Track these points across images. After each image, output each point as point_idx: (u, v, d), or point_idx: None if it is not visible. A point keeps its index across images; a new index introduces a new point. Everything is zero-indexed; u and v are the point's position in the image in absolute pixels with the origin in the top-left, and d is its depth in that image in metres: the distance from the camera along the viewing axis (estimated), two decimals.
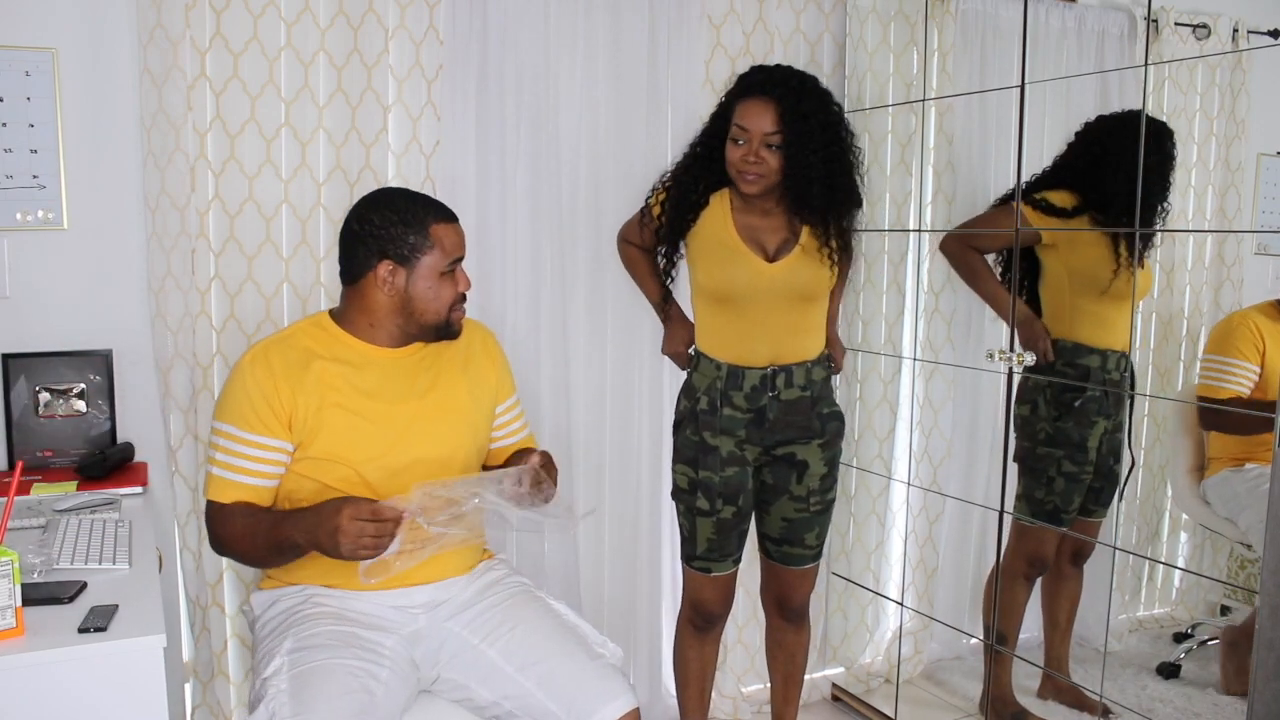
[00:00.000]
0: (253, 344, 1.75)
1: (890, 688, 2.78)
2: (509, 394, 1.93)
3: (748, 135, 1.99)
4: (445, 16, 2.19)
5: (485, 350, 1.89)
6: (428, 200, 1.75)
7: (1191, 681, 2.77)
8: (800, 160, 1.98)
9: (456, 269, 1.75)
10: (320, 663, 1.54)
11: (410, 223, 1.69)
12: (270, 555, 1.67)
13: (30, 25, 1.96)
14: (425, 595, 1.74)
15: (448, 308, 1.74)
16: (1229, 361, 2.53)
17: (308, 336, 1.73)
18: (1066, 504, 2.47)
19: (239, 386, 1.68)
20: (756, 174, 1.99)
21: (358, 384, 1.71)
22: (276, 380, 1.66)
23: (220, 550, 1.73)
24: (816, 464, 2.15)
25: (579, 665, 1.65)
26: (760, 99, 1.98)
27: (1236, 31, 2.80)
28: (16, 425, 1.97)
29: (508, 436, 1.93)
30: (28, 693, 1.22)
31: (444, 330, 1.76)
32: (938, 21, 2.63)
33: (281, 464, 1.68)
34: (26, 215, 1.99)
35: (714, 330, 2.12)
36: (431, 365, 1.79)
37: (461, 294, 1.76)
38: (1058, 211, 2.34)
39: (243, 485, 1.66)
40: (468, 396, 1.81)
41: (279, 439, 1.66)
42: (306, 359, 1.69)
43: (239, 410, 1.66)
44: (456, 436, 1.78)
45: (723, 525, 2.13)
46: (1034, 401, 2.47)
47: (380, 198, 1.75)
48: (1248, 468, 2.58)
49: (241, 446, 1.66)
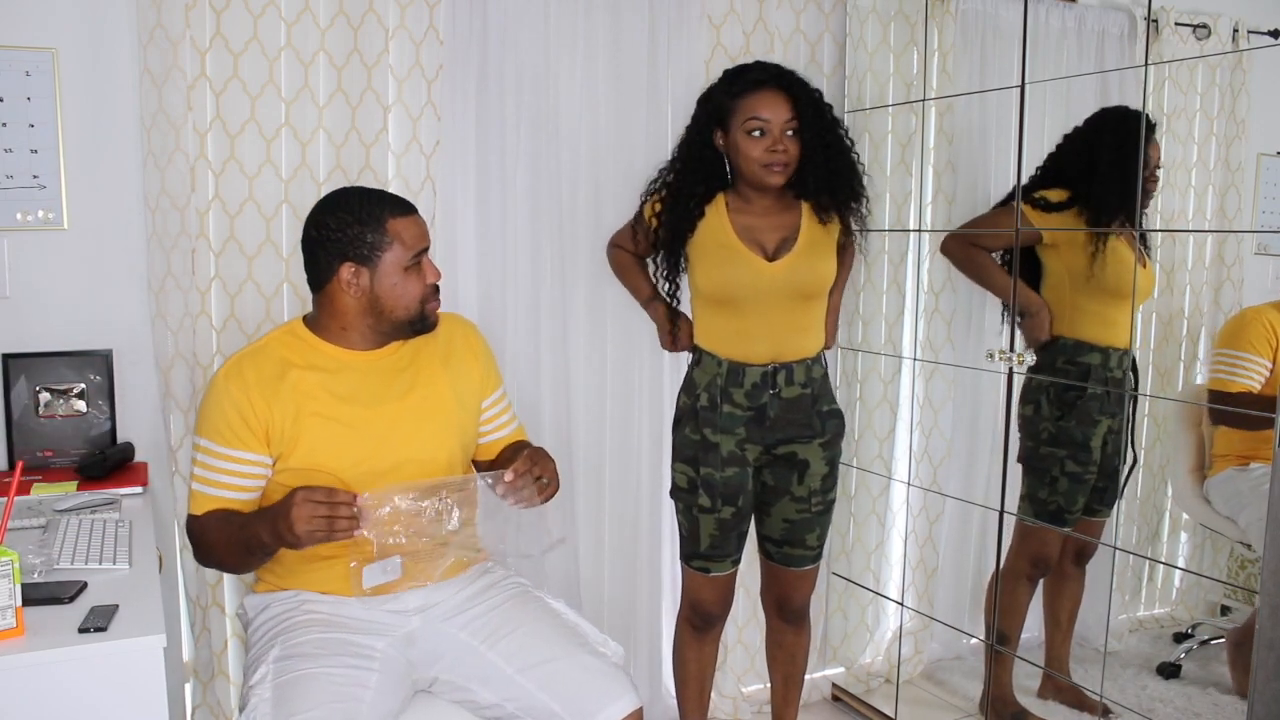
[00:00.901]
0: (229, 357, 1.73)
1: (890, 688, 2.78)
2: (495, 387, 1.90)
3: (768, 126, 1.99)
4: (445, 16, 2.19)
5: (467, 344, 1.86)
6: (381, 195, 1.70)
7: (1192, 681, 2.77)
8: (818, 143, 2.02)
9: (423, 260, 1.71)
10: (305, 672, 1.53)
11: (366, 221, 1.65)
12: (244, 557, 1.65)
13: (30, 25, 1.95)
14: (418, 599, 1.73)
15: (418, 301, 1.70)
16: (1241, 355, 2.53)
17: (282, 345, 1.71)
18: (1070, 504, 2.46)
19: (213, 401, 1.66)
20: (783, 163, 2.01)
21: (335, 390, 1.69)
22: (250, 394, 1.64)
23: (204, 562, 1.72)
24: (818, 464, 2.15)
25: (581, 665, 1.64)
26: (772, 90, 2.01)
27: (1236, 31, 2.80)
28: (16, 425, 1.97)
29: (496, 430, 1.90)
30: (28, 693, 1.22)
31: (419, 324, 1.73)
32: (938, 21, 2.63)
33: (261, 477, 1.67)
34: (26, 215, 1.99)
35: (714, 328, 2.12)
36: (410, 365, 1.76)
37: (433, 285, 1.72)
38: (1055, 207, 2.35)
39: (220, 499, 1.65)
40: (450, 394, 1.78)
41: (256, 453, 1.65)
42: (282, 369, 1.67)
43: (214, 425, 1.65)
44: (440, 436, 1.75)
45: (722, 525, 2.13)
46: (1037, 401, 2.47)
47: (333, 200, 1.70)
48: (1252, 467, 2.58)
49: (219, 461, 1.65)
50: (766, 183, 2.03)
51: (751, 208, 2.08)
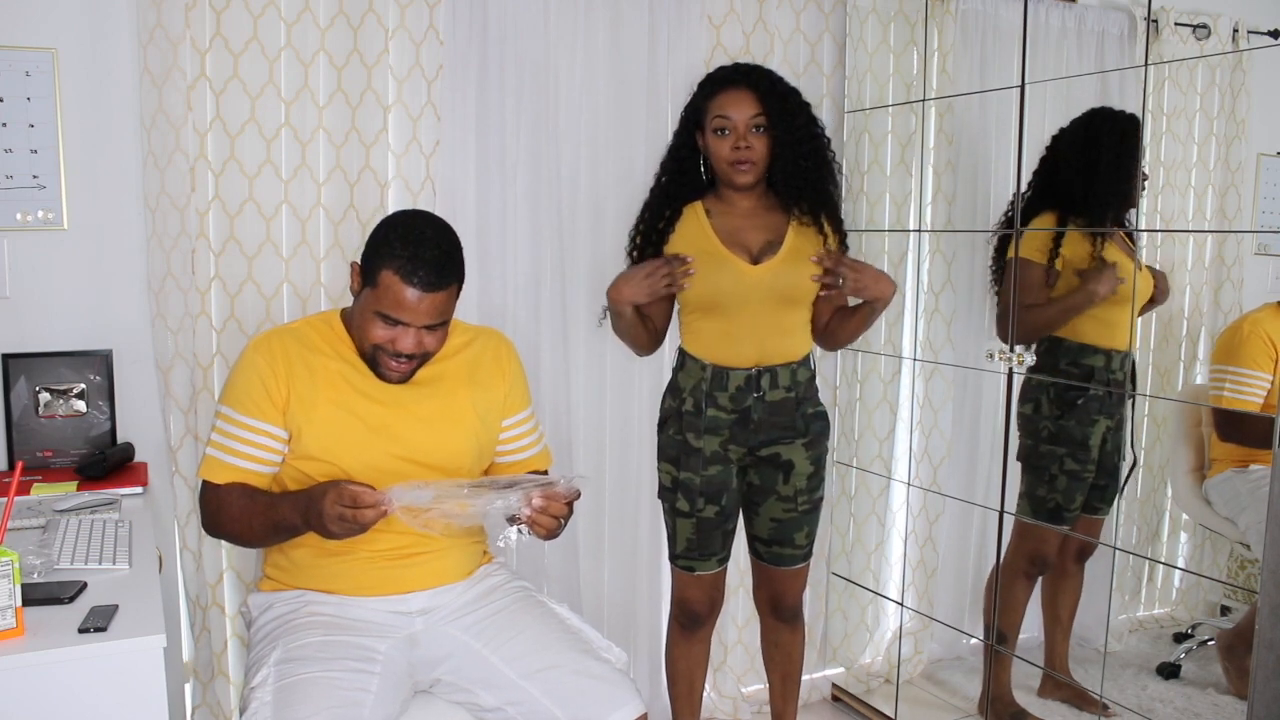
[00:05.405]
0: (263, 330, 1.75)
1: (890, 688, 2.78)
2: (519, 408, 1.87)
3: (732, 124, 2.00)
4: (445, 16, 2.19)
5: (497, 361, 1.84)
6: (415, 254, 1.59)
7: (1191, 681, 2.77)
8: (787, 139, 2.01)
9: (398, 328, 1.63)
10: (306, 675, 1.53)
11: (380, 250, 1.62)
12: (267, 535, 1.67)
13: (30, 25, 1.95)
14: (421, 601, 1.73)
15: (371, 347, 1.66)
16: (1243, 373, 2.48)
17: (314, 331, 1.74)
18: (1068, 502, 2.47)
19: (239, 371, 1.70)
20: (748, 160, 2.01)
21: (355, 384, 1.70)
22: (276, 366, 1.67)
23: (213, 531, 1.73)
24: (802, 464, 2.15)
25: (585, 671, 1.64)
26: (735, 89, 2.01)
27: (1236, 31, 2.80)
28: (16, 425, 1.97)
29: (516, 452, 1.89)
30: (28, 693, 1.22)
31: (370, 365, 1.69)
32: (938, 21, 2.63)
33: (278, 452, 1.68)
34: (26, 215, 1.99)
35: (699, 332, 2.11)
36: (434, 375, 1.76)
37: (395, 350, 1.65)
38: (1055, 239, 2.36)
39: (236, 468, 1.67)
40: (470, 408, 1.78)
41: (273, 424, 1.67)
42: (309, 351, 1.70)
43: (236, 394, 1.68)
44: (453, 444, 1.75)
45: (703, 524, 2.13)
46: (1036, 400, 2.48)
47: (399, 219, 1.68)
48: (1252, 468, 2.57)
49: (237, 429, 1.67)
50: (735, 181, 2.04)
51: (734, 210, 2.09)
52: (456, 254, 1.66)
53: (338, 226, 2.16)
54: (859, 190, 2.68)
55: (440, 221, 1.69)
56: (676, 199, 2.10)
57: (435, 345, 1.69)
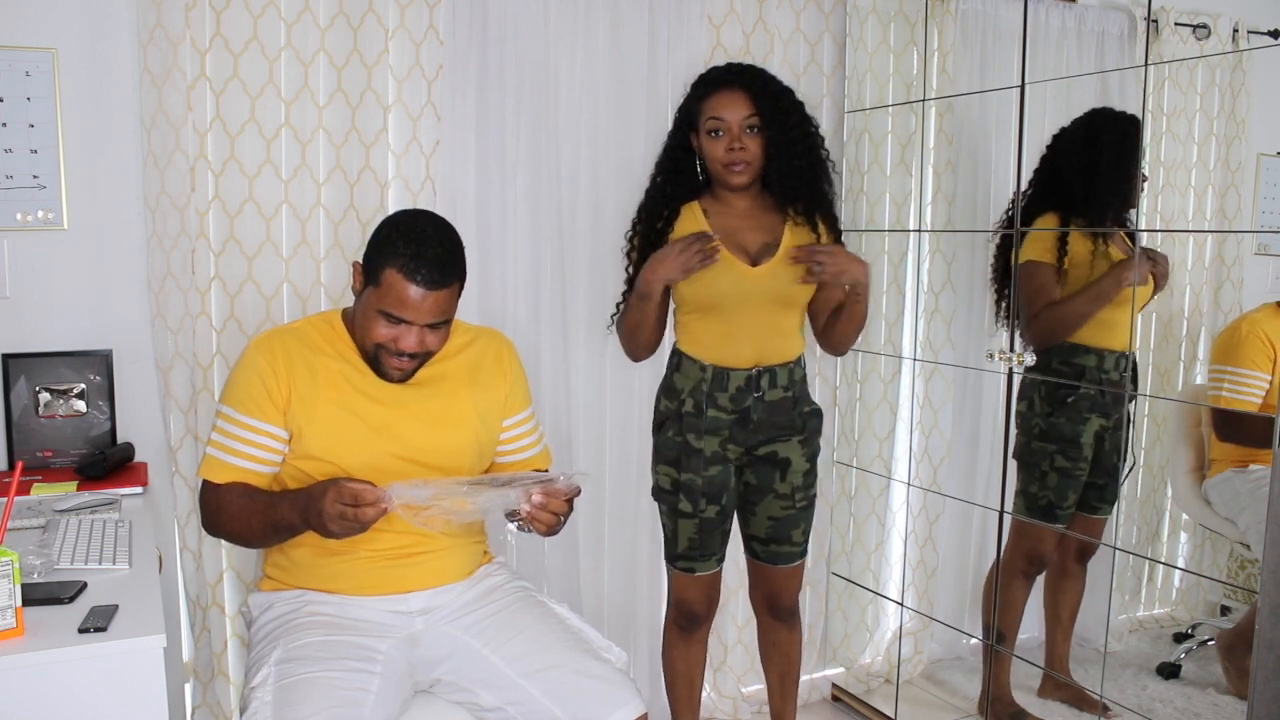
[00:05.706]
0: (264, 330, 1.75)
1: (890, 688, 2.78)
2: (520, 408, 1.88)
3: (725, 124, 2.00)
4: (445, 16, 2.19)
5: (498, 362, 1.85)
6: (418, 252, 1.60)
7: (1191, 681, 2.77)
8: (781, 139, 2.00)
9: (401, 326, 1.64)
10: (306, 675, 1.53)
11: (382, 248, 1.62)
12: (267, 534, 1.67)
13: (30, 25, 1.95)
14: (421, 601, 1.73)
15: (373, 345, 1.67)
16: (1241, 373, 2.48)
17: (316, 331, 1.74)
18: (1060, 500, 2.47)
19: (240, 370, 1.70)
20: (743, 161, 2.01)
21: (356, 384, 1.71)
22: (276, 366, 1.67)
23: (213, 531, 1.73)
24: (798, 460, 2.15)
25: (585, 671, 1.64)
26: (728, 89, 2.01)
27: (1236, 31, 2.80)
28: (16, 425, 1.97)
29: (517, 453, 1.89)
30: (28, 693, 1.22)
31: (372, 364, 1.71)
32: (938, 21, 2.63)
33: (278, 452, 1.68)
34: (26, 215, 1.99)
35: (696, 332, 2.11)
36: (434, 376, 1.76)
37: (397, 349, 1.65)
38: (1060, 239, 2.36)
39: (236, 468, 1.67)
40: (472, 408, 1.78)
41: (274, 424, 1.67)
42: (310, 351, 1.70)
43: (237, 394, 1.68)
44: (453, 444, 1.76)
45: (705, 525, 2.13)
46: (1030, 398, 2.48)
47: (401, 218, 1.68)
48: (1251, 468, 2.57)
49: (237, 429, 1.67)
50: (730, 182, 2.04)
51: (730, 210, 2.09)
52: (458, 252, 1.67)
53: (338, 226, 2.16)
54: (859, 190, 2.69)
55: (442, 220, 1.69)
56: (673, 199, 2.10)
57: (437, 344, 1.70)
